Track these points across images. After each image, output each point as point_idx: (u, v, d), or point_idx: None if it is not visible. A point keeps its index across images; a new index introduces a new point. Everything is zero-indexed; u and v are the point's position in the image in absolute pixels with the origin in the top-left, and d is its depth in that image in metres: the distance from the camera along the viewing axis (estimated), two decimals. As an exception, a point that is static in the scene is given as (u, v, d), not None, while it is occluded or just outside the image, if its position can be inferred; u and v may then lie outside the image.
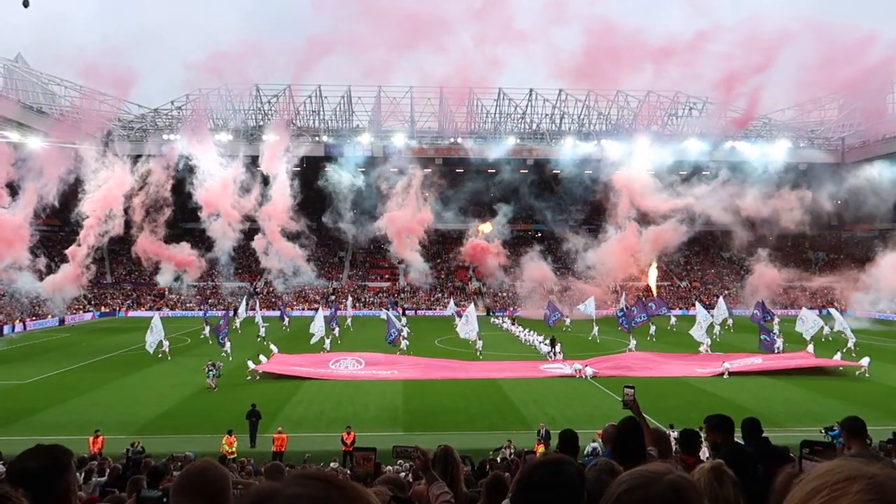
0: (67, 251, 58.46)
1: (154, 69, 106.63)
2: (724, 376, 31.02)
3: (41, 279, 55.68)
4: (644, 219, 64.41)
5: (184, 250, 62.48)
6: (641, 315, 44.03)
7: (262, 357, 33.01)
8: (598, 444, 16.18)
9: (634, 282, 72.02)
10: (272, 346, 36.55)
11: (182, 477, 2.37)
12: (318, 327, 38.98)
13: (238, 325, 50.00)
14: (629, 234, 63.44)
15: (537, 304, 66.29)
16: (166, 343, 36.82)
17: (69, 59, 69.77)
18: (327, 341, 38.78)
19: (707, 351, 37.11)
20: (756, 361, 33.32)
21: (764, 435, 5.69)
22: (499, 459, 16.23)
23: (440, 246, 77.55)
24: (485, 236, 69.04)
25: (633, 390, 5.56)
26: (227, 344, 36.84)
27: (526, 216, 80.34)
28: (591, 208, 74.41)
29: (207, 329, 43.99)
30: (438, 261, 76.46)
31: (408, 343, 39.65)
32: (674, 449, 5.92)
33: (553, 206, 74.37)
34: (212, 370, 29.02)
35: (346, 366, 33.29)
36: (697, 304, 44.53)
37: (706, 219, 65.96)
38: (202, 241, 64.64)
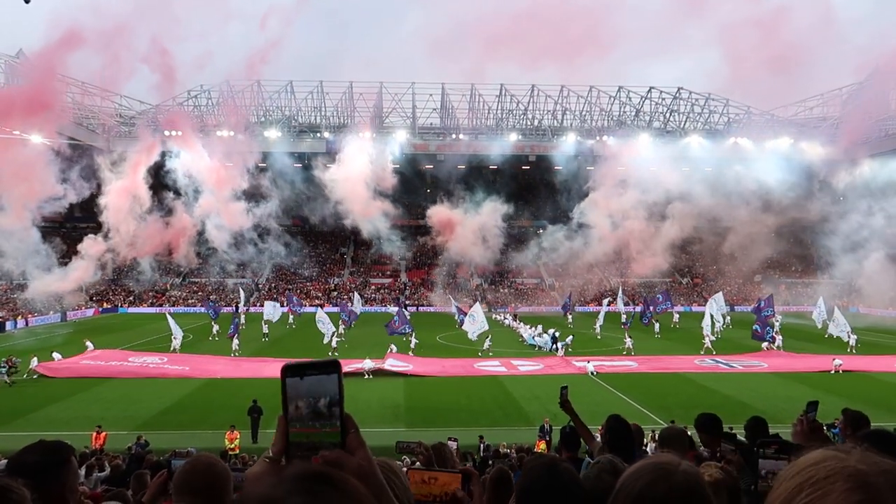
0: (81, 245, 57.16)
1: (156, 65, 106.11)
2: (839, 372, 31.05)
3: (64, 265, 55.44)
4: (643, 214, 64.23)
5: (175, 211, 59.26)
6: (649, 312, 44.38)
7: (56, 355, 32.25)
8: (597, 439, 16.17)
9: (632, 278, 71.97)
10: (88, 343, 35.70)
11: (183, 474, 2.35)
12: (324, 325, 37.97)
13: (243, 320, 49.90)
14: (628, 227, 63.29)
15: (540, 300, 66.36)
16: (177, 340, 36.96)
17: (72, 55, 69.07)
18: (328, 339, 37.37)
19: (709, 347, 36.95)
20: None
21: (775, 433, 5.65)
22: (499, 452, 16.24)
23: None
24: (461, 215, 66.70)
25: (566, 390, 5.84)
26: (236, 342, 36.78)
27: (527, 212, 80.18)
28: (591, 204, 74.14)
29: (216, 328, 43.94)
30: (440, 257, 76.26)
31: (416, 342, 37.97)
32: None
33: (554, 202, 74.06)
34: (3, 367, 28.47)
35: (144, 360, 33.31)
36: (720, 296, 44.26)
37: (707, 215, 65.71)
38: (200, 241, 64.59)
